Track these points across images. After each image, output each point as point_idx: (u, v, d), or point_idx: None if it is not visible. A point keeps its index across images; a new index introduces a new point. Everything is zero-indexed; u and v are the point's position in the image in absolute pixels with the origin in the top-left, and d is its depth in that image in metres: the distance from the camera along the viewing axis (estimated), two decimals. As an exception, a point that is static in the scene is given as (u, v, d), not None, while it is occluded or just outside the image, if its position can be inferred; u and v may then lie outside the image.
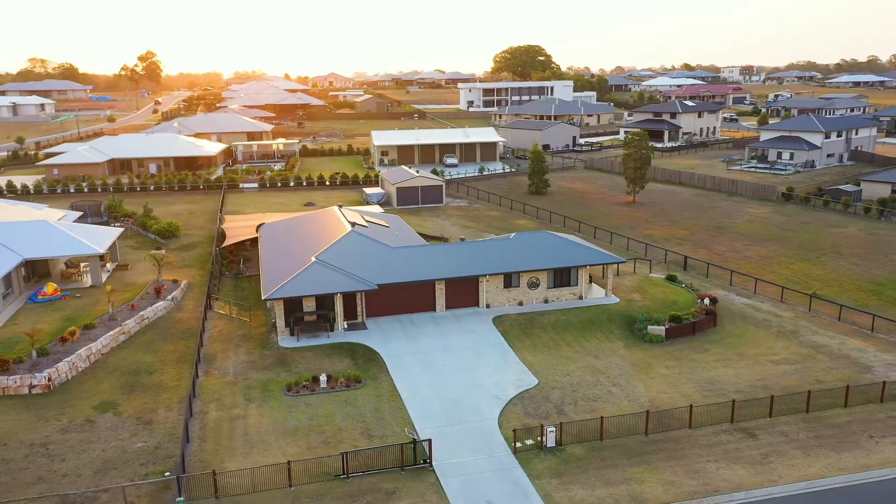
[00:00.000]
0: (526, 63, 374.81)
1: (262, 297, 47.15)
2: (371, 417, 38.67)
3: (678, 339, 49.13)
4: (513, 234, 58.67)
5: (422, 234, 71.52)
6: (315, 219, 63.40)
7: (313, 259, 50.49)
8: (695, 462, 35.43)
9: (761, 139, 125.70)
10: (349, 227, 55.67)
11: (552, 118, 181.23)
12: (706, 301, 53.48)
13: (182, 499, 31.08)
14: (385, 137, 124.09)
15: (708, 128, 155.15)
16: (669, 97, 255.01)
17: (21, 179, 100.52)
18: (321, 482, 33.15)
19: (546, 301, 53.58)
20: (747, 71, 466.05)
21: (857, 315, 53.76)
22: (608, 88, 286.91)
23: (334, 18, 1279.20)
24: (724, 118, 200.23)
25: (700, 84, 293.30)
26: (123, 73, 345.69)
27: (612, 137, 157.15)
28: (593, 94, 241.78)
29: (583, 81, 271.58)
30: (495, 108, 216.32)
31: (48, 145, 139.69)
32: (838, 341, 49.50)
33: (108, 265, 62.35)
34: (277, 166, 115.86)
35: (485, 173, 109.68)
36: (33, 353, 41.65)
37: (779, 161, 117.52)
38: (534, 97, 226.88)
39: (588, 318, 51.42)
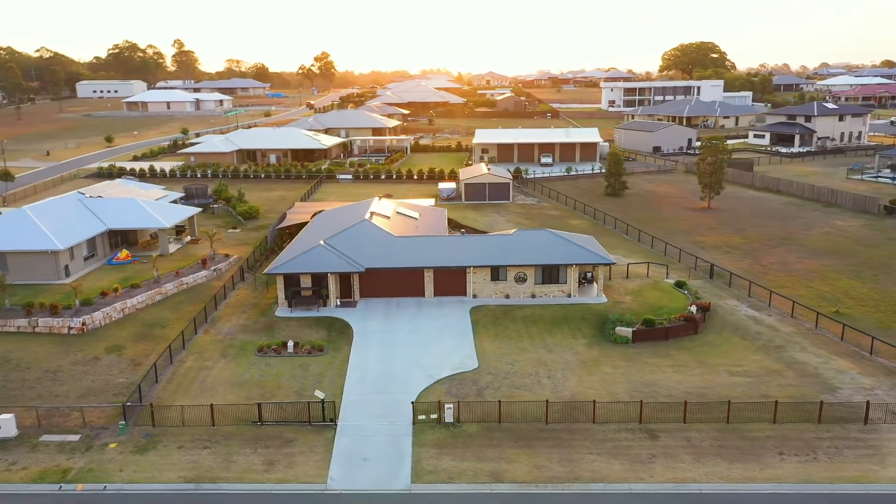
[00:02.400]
0: (695, 61, 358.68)
1: (264, 272, 54.27)
2: (311, 380, 44.09)
3: (646, 343, 49.22)
4: (513, 231, 61.00)
5: (469, 228, 75.54)
6: (353, 208, 69.79)
7: (321, 242, 56.79)
8: (576, 452, 36.95)
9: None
10: (366, 217, 61.31)
11: (684, 120, 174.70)
12: (693, 308, 52.56)
13: (124, 423, 38.62)
14: (486, 136, 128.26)
15: (851, 132, 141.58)
16: (839, 98, 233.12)
17: (166, 165, 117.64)
18: (238, 426, 39.18)
19: (533, 296, 55.63)
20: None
21: (865, 336, 50.04)
22: (772, 88, 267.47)
23: (519, 18, 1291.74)
24: (893, 122, 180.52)
25: (884, 84, 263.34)
26: (300, 72, 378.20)
27: (736, 141, 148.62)
28: (748, 94, 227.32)
29: (741, 81, 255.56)
30: (631, 109, 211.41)
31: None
32: (822, 360, 46.88)
33: (187, 238, 73.27)
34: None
35: (571, 173, 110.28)
36: (77, 302, 51.88)
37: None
38: (678, 97, 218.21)
39: (564, 314, 52.90)
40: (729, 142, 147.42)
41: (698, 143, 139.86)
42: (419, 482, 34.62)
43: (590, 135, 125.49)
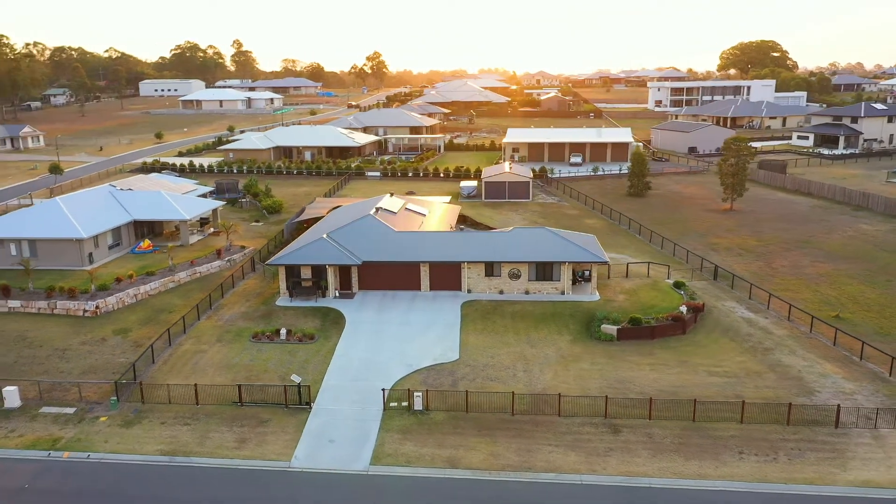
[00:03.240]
0: (755, 60, 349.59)
1: (266, 263, 56.70)
2: (297, 365, 46.13)
3: (631, 341, 49.49)
4: (511, 228, 61.81)
5: (483, 226, 76.55)
6: (364, 204, 71.80)
7: (323, 235, 58.95)
8: (535, 443, 37.85)
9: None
10: (370, 212, 63.18)
11: (728, 121, 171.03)
12: (683, 309, 52.44)
13: (115, 399, 41.45)
14: (517, 135, 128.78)
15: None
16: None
17: (206, 160, 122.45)
18: (219, 405, 41.52)
19: (527, 292, 56.43)
20: None
21: (859, 341, 49.04)
22: (830, 88, 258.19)
23: (579, 17, 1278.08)
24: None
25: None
26: (352, 71, 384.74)
27: (778, 143, 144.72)
28: (802, 94, 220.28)
29: (797, 80, 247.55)
30: (675, 109, 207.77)
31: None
32: (808, 364, 46.30)
33: (210, 229, 76.67)
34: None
35: (598, 173, 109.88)
36: (93, 287, 55.38)
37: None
38: (727, 97, 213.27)
39: (553, 311, 53.55)
40: (771, 143, 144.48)
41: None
42: (377, 464, 36.17)
43: (622, 135, 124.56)
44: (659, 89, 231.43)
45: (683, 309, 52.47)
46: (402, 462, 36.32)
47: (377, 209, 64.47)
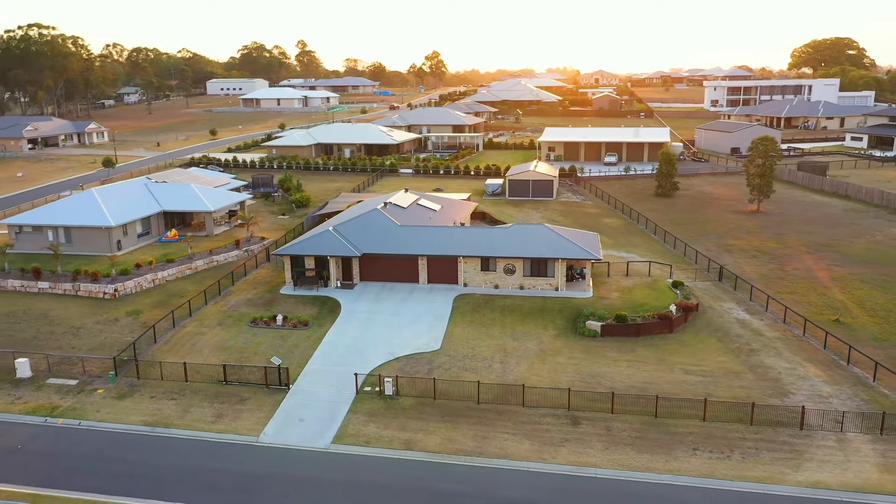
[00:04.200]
0: (829, 58, 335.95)
1: (273, 253, 59.45)
2: (285, 348, 48.58)
3: (615, 338, 49.82)
4: (510, 224, 62.66)
5: (501, 223, 77.55)
6: (378, 199, 73.91)
7: (329, 228, 61.40)
8: (494, 431, 39.03)
9: None
10: (378, 206, 65.26)
11: (782, 121, 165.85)
12: (673, 308, 52.31)
13: (113, 373, 44.82)
14: (553, 134, 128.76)
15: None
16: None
17: (250, 156, 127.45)
18: (206, 383, 44.32)
19: (522, 287, 57.34)
20: None
21: (856, 346, 47.95)
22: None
23: (652, 15, 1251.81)
24: None
25: None
26: (411, 70, 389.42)
27: (829, 144, 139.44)
28: (870, 94, 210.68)
29: (865, 80, 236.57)
30: (727, 109, 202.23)
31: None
32: (791, 366, 45.71)
33: (237, 221, 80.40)
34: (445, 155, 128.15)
35: (629, 173, 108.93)
36: (113, 272, 59.42)
37: None
38: (787, 96, 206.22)
39: (542, 306, 54.30)
40: (821, 144, 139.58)
41: (784, 147, 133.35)
42: (338, 443, 38.12)
43: (659, 134, 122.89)
44: (715, 89, 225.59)
45: (673, 308, 52.38)
46: (362, 442, 38.16)
47: (385, 204, 66.51)
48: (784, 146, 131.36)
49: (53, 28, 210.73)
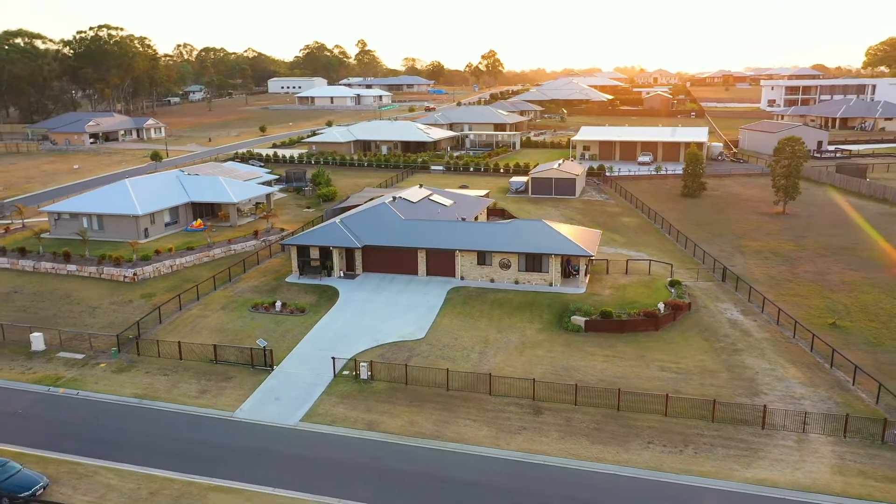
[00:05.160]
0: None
1: (281, 243, 62.12)
2: (278, 333, 51.04)
3: (599, 333, 50.22)
4: (510, 220, 63.43)
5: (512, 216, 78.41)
6: (392, 194, 75.87)
7: (336, 220, 63.72)
8: (456, 417, 40.37)
9: None
10: (387, 200, 67.21)
11: (836, 122, 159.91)
12: (661, 306, 52.23)
13: (116, 349, 48.21)
14: (588, 133, 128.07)
15: None
16: None
17: (291, 151, 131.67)
18: (198, 361, 47.18)
19: (517, 282, 58.22)
20: None
21: (847, 350, 47.00)
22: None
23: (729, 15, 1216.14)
24: None
25: None
26: (467, 69, 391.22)
27: (884, 146, 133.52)
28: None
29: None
30: (780, 109, 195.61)
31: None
32: (770, 367, 45.27)
33: (262, 213, 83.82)
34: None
35: (660, 172, 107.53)
36: (134, 257, 63.33)
37: None
38: (849, 96, 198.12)
39: (532, 300, 55.05)
40: (872, 146, 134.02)
41: (831, 148, 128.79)
42: (307, 421, 40.22)
43: (696, 134, 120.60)
44: (772, 88, 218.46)
45: (661, 306, 52.36)
46: (328, 421, 40.12)
47: (394, 198, 68.40)
48: (831, 147, 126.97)
49: (122, 29, 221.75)
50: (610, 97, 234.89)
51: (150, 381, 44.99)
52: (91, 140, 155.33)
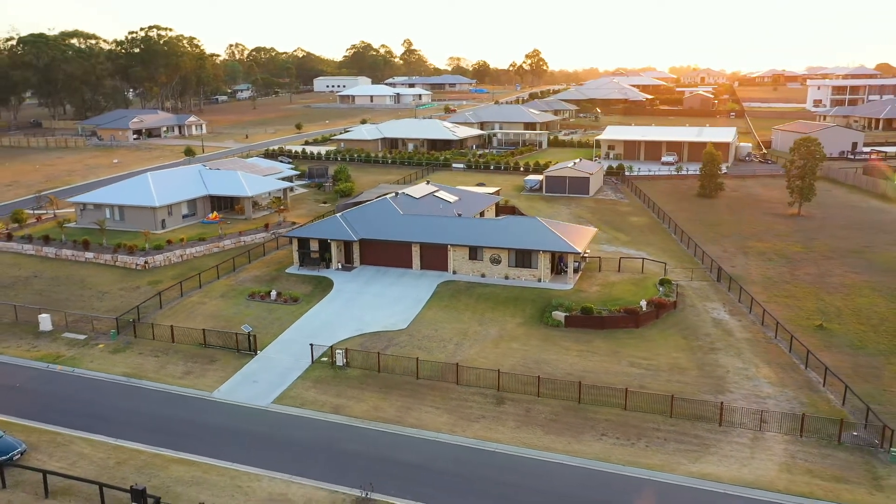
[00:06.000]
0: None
1: (283, 235, 64.38)
2: (268, 320, 53.22)
3: (579, 329, 50.76)
4: (502, 217, 64.20)
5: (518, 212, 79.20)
6: (412, 189, 77.16)
7: (337, 214, 65.67)
8: (420, 404, 41.72)
9: None
10: (389, 195, 68.86)
11: (881, 122, 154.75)
12: (643, 304, 52.38)
13: (115, 331, 51.13)
14: (614, 132, 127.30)
15: None
16: None
17: (319, 148, 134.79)
18: (188, 345, 49.67)
19: (506, 277, 59.10)
20: None
21: (829, 352, 46.51)
22: None
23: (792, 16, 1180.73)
24: None
25: None
26: (511, 69, 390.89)
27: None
28: None
29: None
30: (822, 109, 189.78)
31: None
32: (743, 367, 45.18)
33: (278, 206, 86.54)
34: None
35: (680, 172, 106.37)
36: (147, 246, 66.58)
37: None
38: (892, 96, 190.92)
39: (518, 296, 55.84)
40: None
41: (866, 150, 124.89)
42: (278, 403, 42.14)
43: (724, 134, 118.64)
44: (819, 88, 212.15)
45: (643, 304, 52.54)
46: (297, 404, 41.96)
47: (397, 194, 70.04)
48: (866, 149, 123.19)
49: (170, 29, 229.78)
50: (649, 97, 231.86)
51: (141, 361, 47.67)
52: (135, 136, 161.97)
